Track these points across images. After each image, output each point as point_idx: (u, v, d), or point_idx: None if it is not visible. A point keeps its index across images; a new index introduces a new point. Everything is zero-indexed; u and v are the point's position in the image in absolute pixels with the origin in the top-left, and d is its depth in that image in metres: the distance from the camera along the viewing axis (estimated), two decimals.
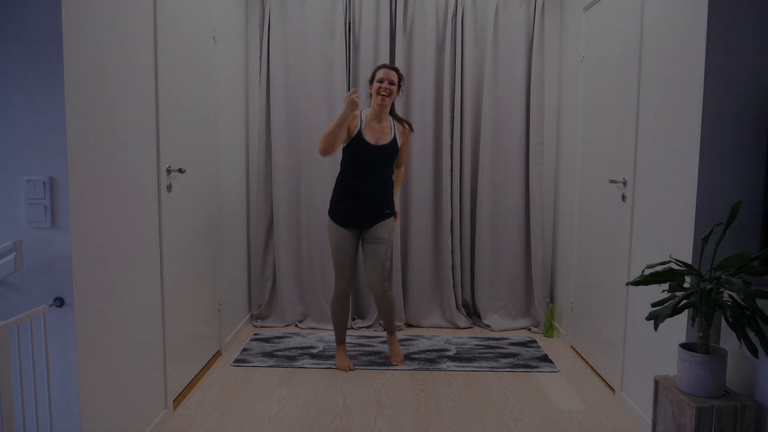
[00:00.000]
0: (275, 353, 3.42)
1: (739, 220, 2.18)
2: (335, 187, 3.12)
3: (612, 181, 2.91)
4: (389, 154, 3.04)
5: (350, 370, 3.20)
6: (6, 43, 1.76)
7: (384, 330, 3.33)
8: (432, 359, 3.35)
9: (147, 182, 2.36)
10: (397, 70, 3.04)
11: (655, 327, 1.95)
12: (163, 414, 2.53)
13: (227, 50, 3.49)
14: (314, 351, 3.47)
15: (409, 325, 4.03)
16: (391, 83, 3.01)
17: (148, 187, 2.36)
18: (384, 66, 3.04)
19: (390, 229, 3.11)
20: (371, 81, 3.07)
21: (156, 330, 2.47)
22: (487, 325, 3.97)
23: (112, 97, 2.06)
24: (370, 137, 3.03)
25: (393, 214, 3.14)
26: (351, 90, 2.87)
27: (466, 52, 3.88)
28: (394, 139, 3.06)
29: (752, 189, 2.18)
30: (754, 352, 1.88)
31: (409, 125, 3.18)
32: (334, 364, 3.24)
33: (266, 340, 3.67)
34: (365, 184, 3.04)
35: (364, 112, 3.10)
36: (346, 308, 3.21)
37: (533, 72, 3.87)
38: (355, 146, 3.02)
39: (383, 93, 2.99)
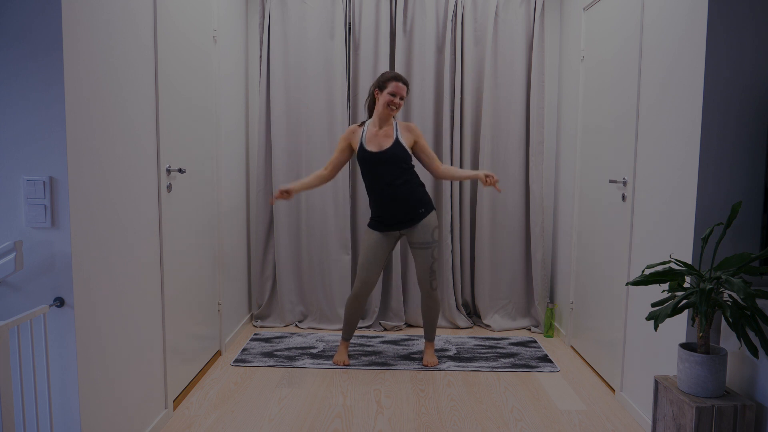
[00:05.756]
0: (275, 353, 3.42)
1: (739, 220, 2.18)
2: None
3: (612, 181, 2.91)
4: (394, 157, 3.03)
5: (345, 365, 3.23)
6: (6, 43, 1.76)
7: (425, 338, 3.36)
8: None
9: (147, 182, 2.36)
10: (407, 84, 3.08)
11: (655, 327, 1.95)
12: (163, 414, 2.53)
13: (227, 50, 3.49)
14: (314, 351, 3.47)
15: (409, 325, 4.03)
16: (402, 98, 3.05)
17: (148, 187, 2.36)
18: (398, 79, 3.03)
19: (432, 228, 3.11)
20: (380, 88, 3.06)
21: (156, 330, 2.47)
22: (487, 325, 3.97)
23: (112, 97, 2.06)
24: (372, 146, 3.07)
25: (429, 211, 3.12)
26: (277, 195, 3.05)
27: (466, 52, 3.88)
28: (397, 140, 3.06)
29: (752, 189, 2.18)
30: (754, 352, 1.88)
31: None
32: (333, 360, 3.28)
33: (266, 340, 3.67)
34: (384, 190, 3.06)
35: (367, 123, 3.15)
36: (358, 309, 3.22)
37: (533, 72, 3.87)
38: (362, 160, 3.09)
39: (393, 108, 3.05)
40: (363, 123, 3.17)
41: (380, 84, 3.06)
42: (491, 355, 3.43)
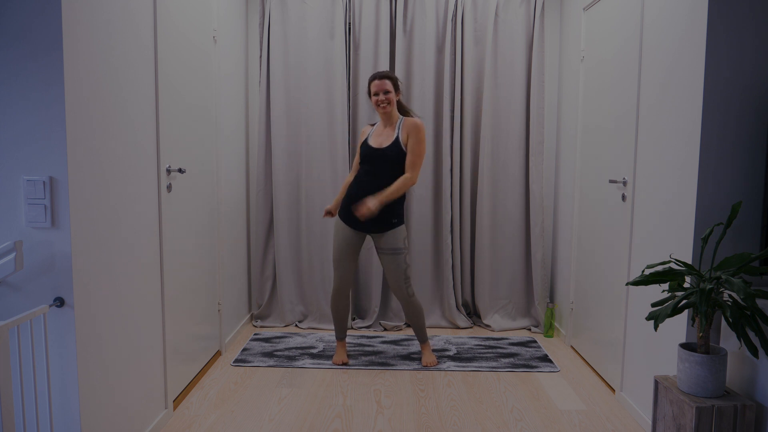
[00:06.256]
0: (275, 353, 3.42)
1: (739, 220, 2.18)
2: None
3: (612, 181, 2.91)
4: (389, 156, 3.03)
5: (344, 364, 3.24)
6: (6, 43, 1.76)
7: (417, 340, 3.36)
8: None
9: (147, 182, 2.36)
10: (388, 76, 3.04)
11: (655, 327, 1.95)
12: (163, 414, 2.53)
13: (227, 50, 3.49)
14: (314, 351, 3.47)
15: (409, 325, 4.03)
16: (387, 92, 3.03)
17: (148, 187, 2.36)
18: (375, 77, 3.04)
19: (402, 236, 3.10)
20: (368, 93, 3.10)
21: (156, 330, 2.47)
22: (487, 325, 3.97)
23: (112, 97, 2.06)
24: (374, 142, 3.11)
25: (401, 223, 3.10)
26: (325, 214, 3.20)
27: (466, 52, 3.88)
28: (396, 140, 3.04)
29: (752, 189, 2.18)
30: (754, 352, 1.88)
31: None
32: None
33: (266, 340, 3.67)
34: (367, 185, 3.06)
35: (378, 122, 3.19)
36: (342, 305, 3.22)
37: (533, 72, 3.87)
38: (361, 151, 3.13)
39: (383, 105, 3.04)
40: (375, 123, 3.23)
41: (368, 89, 3.11)
42: (491, 355, 3.43)
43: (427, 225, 3.97)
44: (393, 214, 3.07)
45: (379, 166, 3.05)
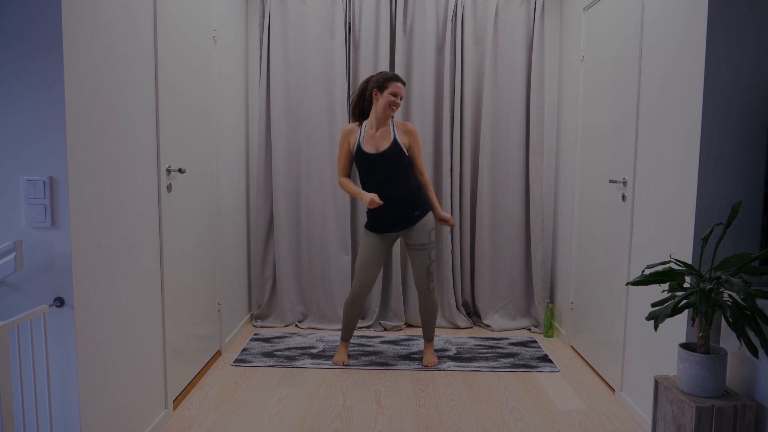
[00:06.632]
0: (275, 353, 3.42)
1: (739, 220, 2.18)
2: None
3: (612, 181, 2.91)
4: (392, 158, 3.04)
5: (345, 365, 3.24)
6: (6, 43, 1.76)
7: (423, 338, 3.36)
8: None
9: (147, 182, 2.36)
10: (404, 84, 3.09)
11: (655, 327, 1.95)
12: (163, 414, 2.53)
13: (227, 50, 3.49)
14: (314, 351, 3.47)
15: (409, 325, 4.03)
16: (402, 98, 3.07)
17: (148, 187, 2.36)
18: (399, 80, 3.04)
19: (428, 229, 3.11)
20: (380, 88, 3.03)
21: (156, 330, 2.47)
22: (487, 325, 3.97)
23: (112, 97, 2.06)
24: (369, 147, 3.07)
25: (425, 213, 3.11)
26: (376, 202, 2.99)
27: (466, 52, 3.88)
28: (395, 141, 3.06)
29: (752, 189, 2.18)
30: (754, 352, 1.88)
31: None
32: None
33: (266, 340, 3.67)
34: (381, 190, 3.07)
35: (364, 123, 3.14)
36: (357, 310, 3.22)
37: (533, 72, 3.87)
38: (358, 160, 3.10)
39: (394, 107, 3.05)
40: (360, 123, 3.16)
41: (380, 84, 3.03)
42: (491, 355, 3.43)
43: None
44: (414, 207, 3.09)
45: (382, 169, 3.05)
